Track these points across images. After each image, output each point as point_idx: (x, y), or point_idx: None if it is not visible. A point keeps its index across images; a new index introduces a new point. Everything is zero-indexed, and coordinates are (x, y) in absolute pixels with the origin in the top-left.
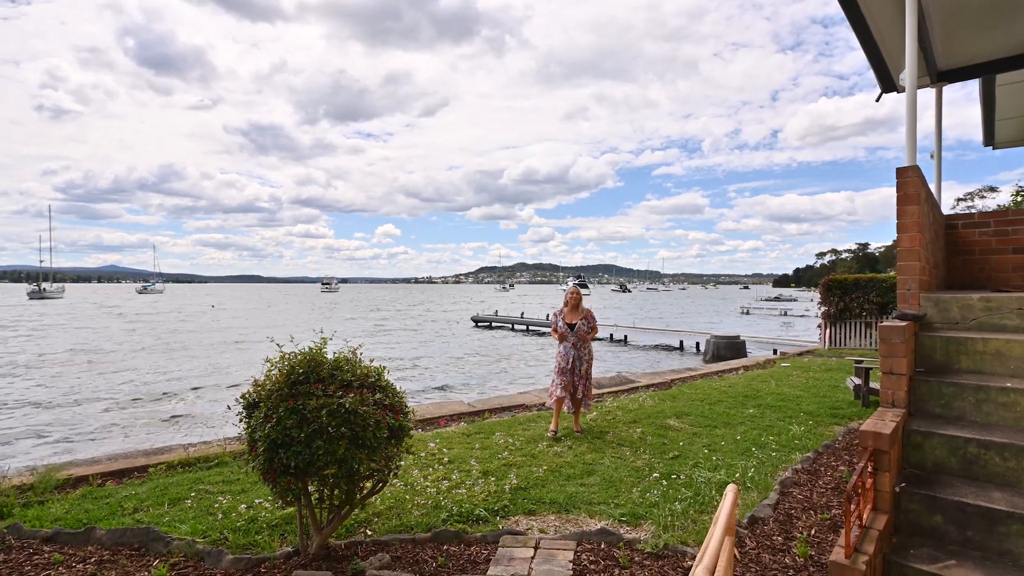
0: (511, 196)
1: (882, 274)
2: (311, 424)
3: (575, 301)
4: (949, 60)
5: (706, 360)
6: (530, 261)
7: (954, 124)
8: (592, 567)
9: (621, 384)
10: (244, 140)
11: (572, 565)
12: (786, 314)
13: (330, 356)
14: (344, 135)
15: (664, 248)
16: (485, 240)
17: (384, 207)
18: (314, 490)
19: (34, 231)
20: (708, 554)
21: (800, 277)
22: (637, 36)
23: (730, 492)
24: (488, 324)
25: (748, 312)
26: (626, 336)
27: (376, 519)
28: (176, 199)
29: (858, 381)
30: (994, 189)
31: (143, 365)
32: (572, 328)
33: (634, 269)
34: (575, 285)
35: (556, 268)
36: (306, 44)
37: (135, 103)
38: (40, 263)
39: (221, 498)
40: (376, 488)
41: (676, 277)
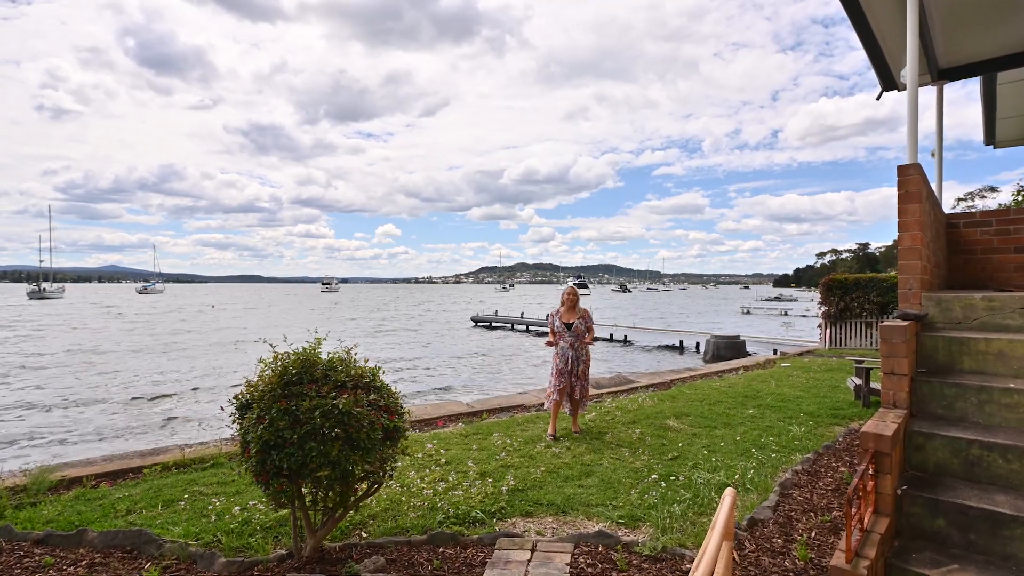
0: (511, 196)
1: (882, 274)
2: (304, 425)
3: (572, 301)
4: (950, 58)
5: (706, 360)
6: (530, 261)
7: (954, 124)
8: (589, 570)
9: (620, 384)
10: (244, 140)
11: (569, 568)
12: (786, 314)
13: (324, 356)
14: (344, 135)
15: (664, 248)
16: (485, 240)
17: (384, 207)
18: (308, 492)
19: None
20: (705, 560)
21: (800, 277)
22: (638, 36)
23: (728, 496)
24: (488, 324)
25: (748, 312)
26: (626, 336)
27: (372, 521)
28: (176, 199)
29: (859, 381)
30: (994, 189)
31: (142, 366)
32: (569, 327)
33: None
34: (572, 285)
35: (556, 268)
36: (307, 44)
37: (135, 103)
38: (40, 263)
39: (215, 500)
40: (371, 490)
41: (676, 277)
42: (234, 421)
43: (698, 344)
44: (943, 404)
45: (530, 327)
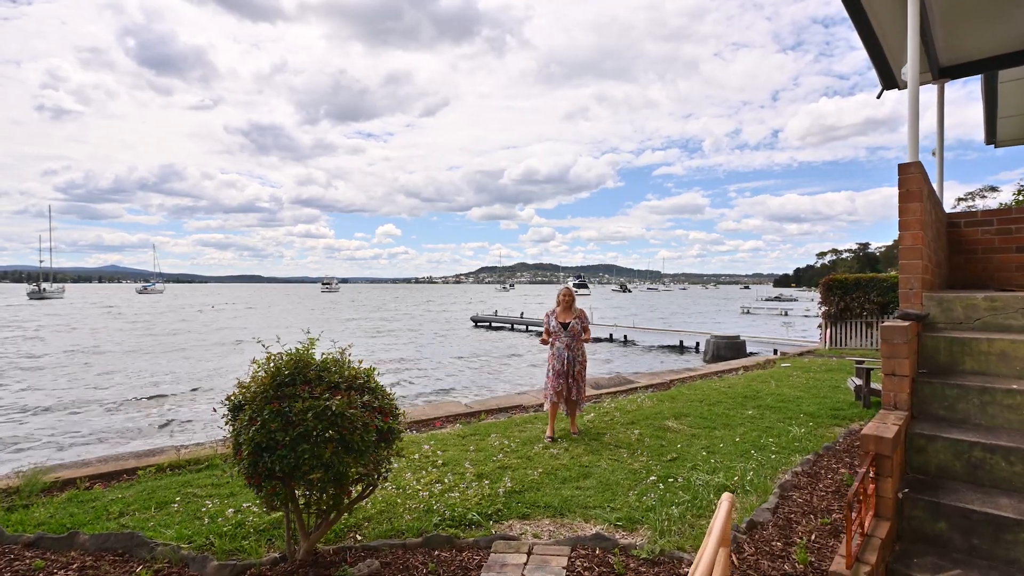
0: (511, 196)
1: (883, 274)
2: (297, 427)
3: (568, 301)
4: (951, 56)
5: (706, 360)
6: (530, 261)
7: (955, 124)
8: (586, 574)
9: (620, 385)
10: (245, 140)
11: (566, 572)
12: (786, 314)
13: (319, 357)
14: (345, 135)
15: (664, 248)
16: (485, 240)
17: (384, 207)
18: (301, 495)
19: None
20: (701, 567)
21: (801, 277)
22: (638, 36)
23: (724, 502)
24: (488, 324)
25: (748, 312)
26: (626, 336)
27: (367, 523)
28: (177, 199)
29: (859, 382)
30: (995, 189)
31: (141, 366)
32: (565, 327)
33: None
34: (567, 286)
35: (556, 268)
36: (307, 44)
37: (136, 103)
38: (40, 263)
39: (209, 502)
40: (365, 493)
41: (676, 277)
42: (227, 423)
43: (698, 344)
44: (945, 405)
45: (530, 327)
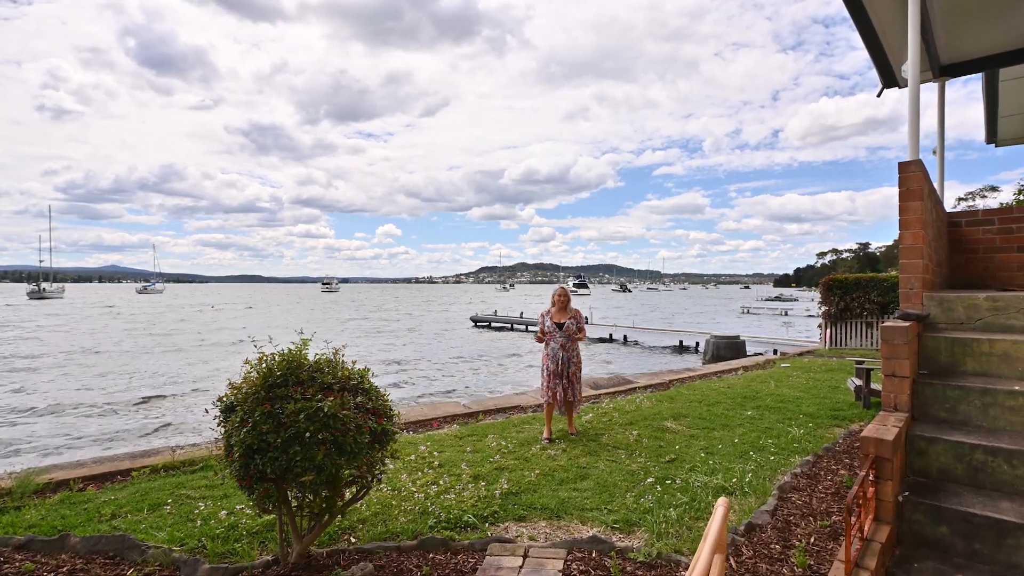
0: (512, 196)
1: (883, 273)
2: (288, 429)
3: (563, 302)
4: (952, 54)
5: (706, 360)
6: (531, 261)
7: (955, 124)
8: None
9: (619, 385)
10: (245, 140)
11: (561, 575)
12: (787, 314)
13: (312, 358)
14: (345, 135)
15: (665, 248)
16: (486, 240)
17: (385, 207)
18: (293, 497)
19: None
20: (696, 575)
21: (801, 277)
22: (638, 36)
23: (720, 507)
24: (487, 324)
25: (748, 312)
26: (625, 336)
27: (361, 526)
28: (177, 199)
29: (859, 382)
30: (995, 188)
31: (140, 367)
32: (560, 327)
33: (635, 269)
34: (561, 286)
35: (557, 268)
36: (307, 44)
37: (136, 103)
38: (40, 263)
39: (202, 504)
40: (358, 495)
41: (677, 277)
42: (219, 424)
43: (698, 344)
44: (946, 407)
45: (529, 327)
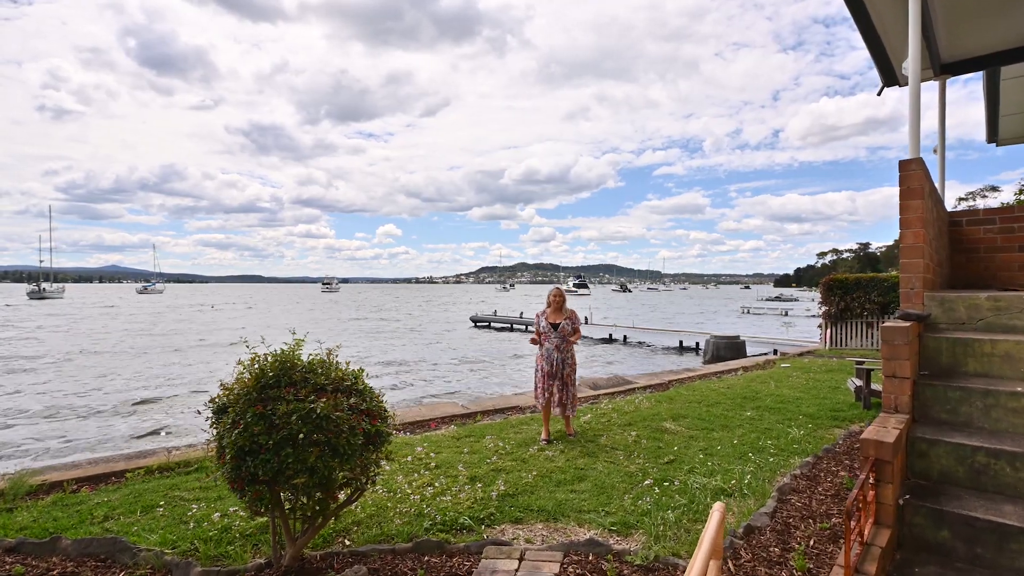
0: (512, 196)
1: (883, 273)
2: (280, 431)
3: (558, 302)
4: (953, 52)
5: (706, 360)
6: (531, 261)
7: (956, 124)
8: None
9: (618, 385)
10: (245, 140)
11: None
12: (787, 314)
13: (305, 358)
14: (345, 135)
15: (665, 248)
16: (486, 240)
17: (385, 207)
18: (286, 499)
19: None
20: None
21: (801, 277)
22: (638, 36)
23: (716, 512)
24: (487, 324)
25: (749, 312)
26: (625, 336)
27: (356, 528)
28: (177, 199)
29: (859, 383)
30: (996, 188)
31: (137, 368)
32: (555, 328)
33: (635, 269)
34: (557, 287)
35: (557, 268)
36: (307, 44)
37: (137, 103)
38: (40, 263)
39: (195, 506)
40: (352, 497)
41: (677, 277)
42: (211, 425)
43: (698, 344)
44: (947, 408)
45: (529, 327)
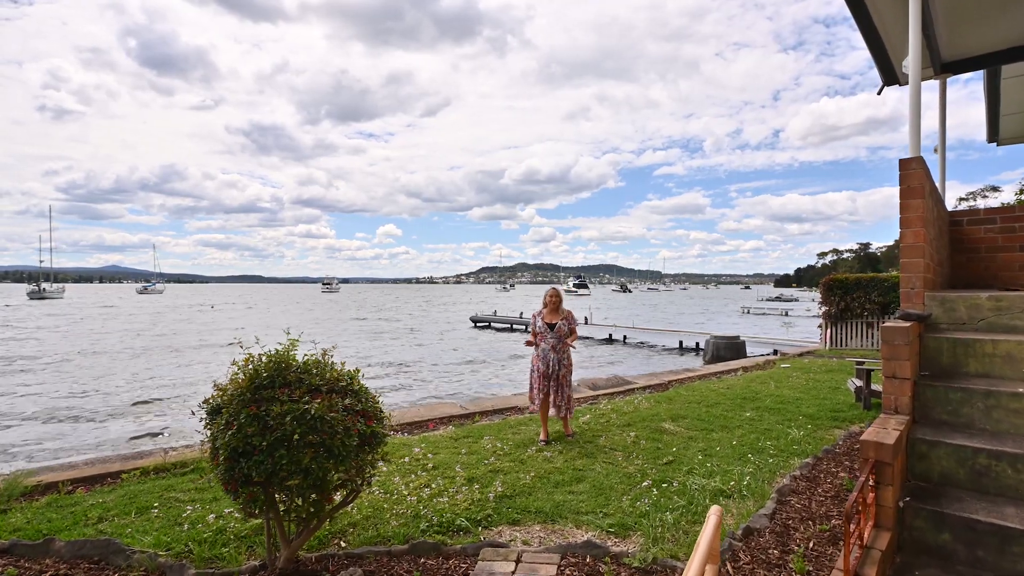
0: (512, 196)
1: (884, 273)
2: (274, 432)
3: (555, 302)
4: (953, 51)
5: (706, 360)
6: (531, 261)
7: (956, 124)
8: None
9: (617, 386)
10: (246, 140)
11: None
12: (787, 314)
13: (301, 359)
14: (346, 135)
15: (665, 248)
16: (486, 240)
17: (385, 207)
18: (281, 500)
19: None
20: None
21: (801, 277)
22: (639, 36)
23: (712, 516)
24: (487, 324)
25: (749, 312)
26: (625, 336)
27: (352, 529)
28: (178, 199)
29: (859, 383)
30: (996, 189)
31: (136, 369)
32: (552, 328)
33: (635, 269)
34: (553, 287)
35: (557, 268)
36: (308, 44)
37: (137, 103)
38: (40, 263)
39: (190, 507)
40: (348, 499)
41: (677, 277)
42: (205, 426)
43: (697, 344)
44: (948, 409)
45: (529, 327)
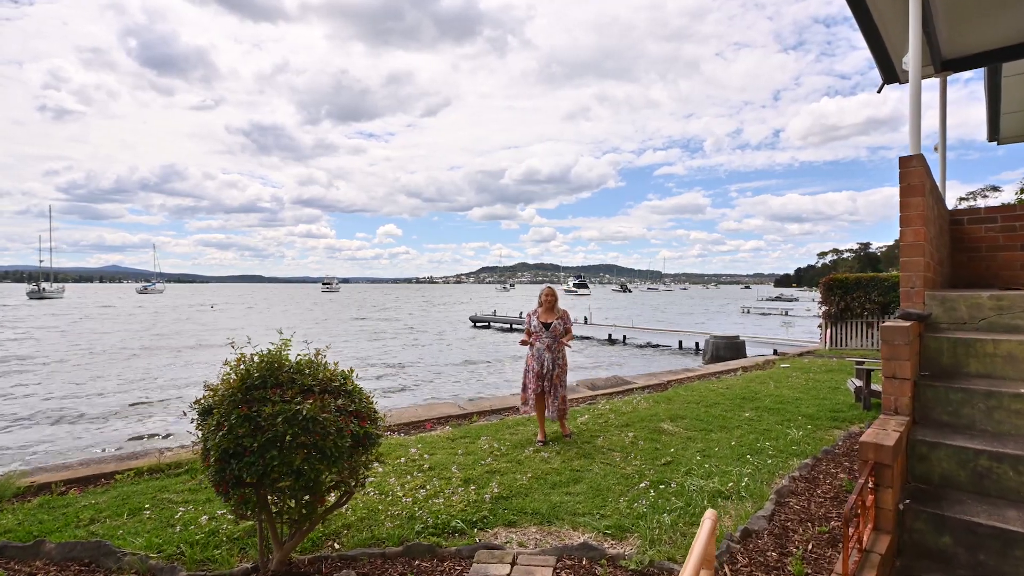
0: (513, 196)
1: (884, 273)
2: (265, 432)
3: (550, 302)
4: (954, 48)
5: (705, 360)
6: (531, 261)
7: (957, 124)
8: None
9: (616, 386)
10: (246, 140)
11: None
12: (787, 314)
13: (294, 359)
14: (346, 135)
15: (666, 248)
16: (486, 240)
17: (386, 207)
18: (273, 502)
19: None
20: None
21: (802, 277)
22: (639, 36)
23: (707, 520)
24: (487, 324)
25: (749, 312)
26: (624, 336)
27: (346, 531)
28: (178, 199)
29: (859, 383)
30: (997, 188)
31: (135, 369)
32: (547, 327)
33: (635, 269)
34: (549, 286)
35: (557, 268)
36: (308, 44)
37: (137, 103)
38: (40, 263)
39: (183, 508)
40: (341, 501)
41: (677, 277)
42: (197, 427)
43: (697, 344)
44: (948, 410)
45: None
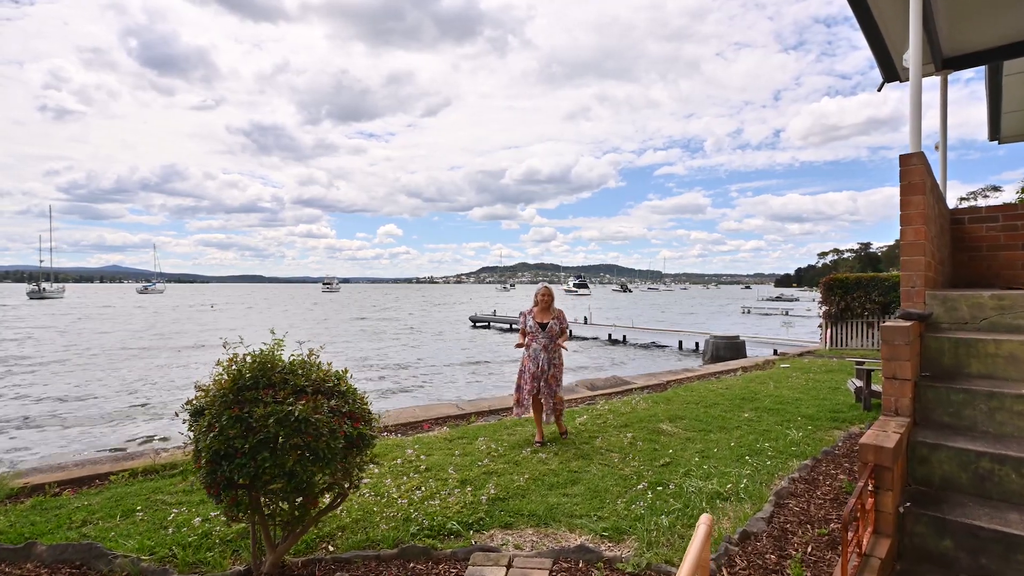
0: (513, 196)
1: (884, 273)
2: (257, 434)
3: (546, 301)
4: (955, 46)
5: (705, 360)
6: (531, 261)
7: (958, 123)
8: None
9: (616, 386)
10: (246, 140)
11: None
12: (787, 314)
13: (287, 359)
14: (346, 135)
15: (666, 248)
16: (487, 240)
17: (386, 207)
18: (266, 504)
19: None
20: None
21: (802, 277)
22: (640, 36)
23: (702, 525)
24: (487, 324)
25: (749, 312)
26: (624, 336)
27: (340, 533)
28: (179, 199)
29: (859, 383)
30: (997, 188)
31: (135, 370)
32: (543, 328)
33: (636, 269)
34: (545, 285)
35: (557, 268)
36: (309, 44)
37: (138, 103)
38: (40, 263)
39: (176, 510)
40: (334, 503)
41: (678, 277)
42: (188, 428)
43: (697, 344)
44: (949, 411)
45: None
